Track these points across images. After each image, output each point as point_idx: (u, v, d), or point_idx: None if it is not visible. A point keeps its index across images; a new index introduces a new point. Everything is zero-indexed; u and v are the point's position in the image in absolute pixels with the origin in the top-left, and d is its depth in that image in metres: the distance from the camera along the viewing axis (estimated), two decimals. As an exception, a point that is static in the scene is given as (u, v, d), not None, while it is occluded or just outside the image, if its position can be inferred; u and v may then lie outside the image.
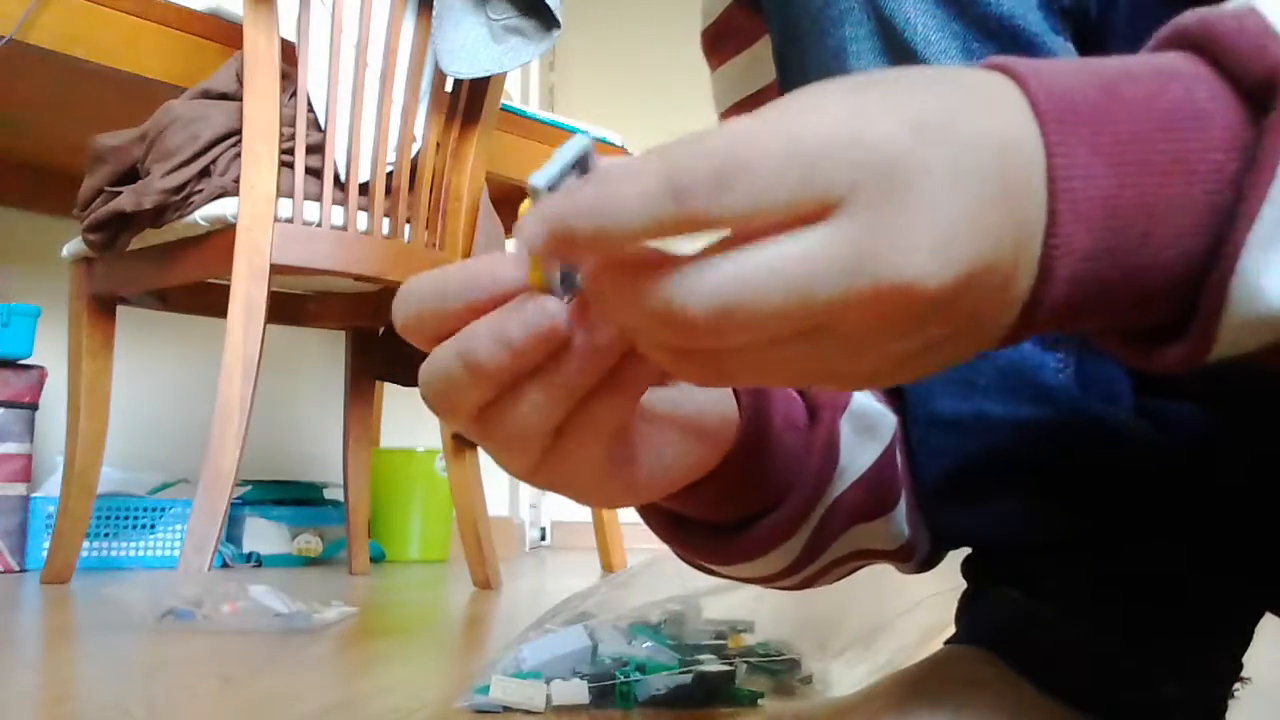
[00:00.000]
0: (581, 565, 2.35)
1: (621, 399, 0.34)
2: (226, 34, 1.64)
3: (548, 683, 0.73)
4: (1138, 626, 0.52)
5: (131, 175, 1.53)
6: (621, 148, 2.23)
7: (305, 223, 1.53)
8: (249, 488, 2.28)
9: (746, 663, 0.78)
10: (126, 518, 2.10)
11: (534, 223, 0.29)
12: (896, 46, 0.49)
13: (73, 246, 1.69)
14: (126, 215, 1.51)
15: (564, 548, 3.12)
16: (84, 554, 1.79)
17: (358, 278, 1.62)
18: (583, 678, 0.73)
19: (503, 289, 0.32)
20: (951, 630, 0.58)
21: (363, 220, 1.58)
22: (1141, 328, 0.33)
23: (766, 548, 0.49)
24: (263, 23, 1.49)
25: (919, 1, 0.49)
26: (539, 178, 0.30)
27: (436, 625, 1.40)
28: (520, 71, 3.25)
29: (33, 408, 1.96)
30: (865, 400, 0.51)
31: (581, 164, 0.30)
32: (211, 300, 1.72)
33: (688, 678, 0.75)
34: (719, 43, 0.65)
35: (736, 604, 0.90)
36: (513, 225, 1.76)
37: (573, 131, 2.15)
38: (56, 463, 1.88)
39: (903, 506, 0.54)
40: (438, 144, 1.68)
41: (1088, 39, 0.51)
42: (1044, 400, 0.50)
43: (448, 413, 0.33)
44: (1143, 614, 0.52)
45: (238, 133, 1.49)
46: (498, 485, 2.97)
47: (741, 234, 0.28)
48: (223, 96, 1.52)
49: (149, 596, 1.20)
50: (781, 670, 0.79)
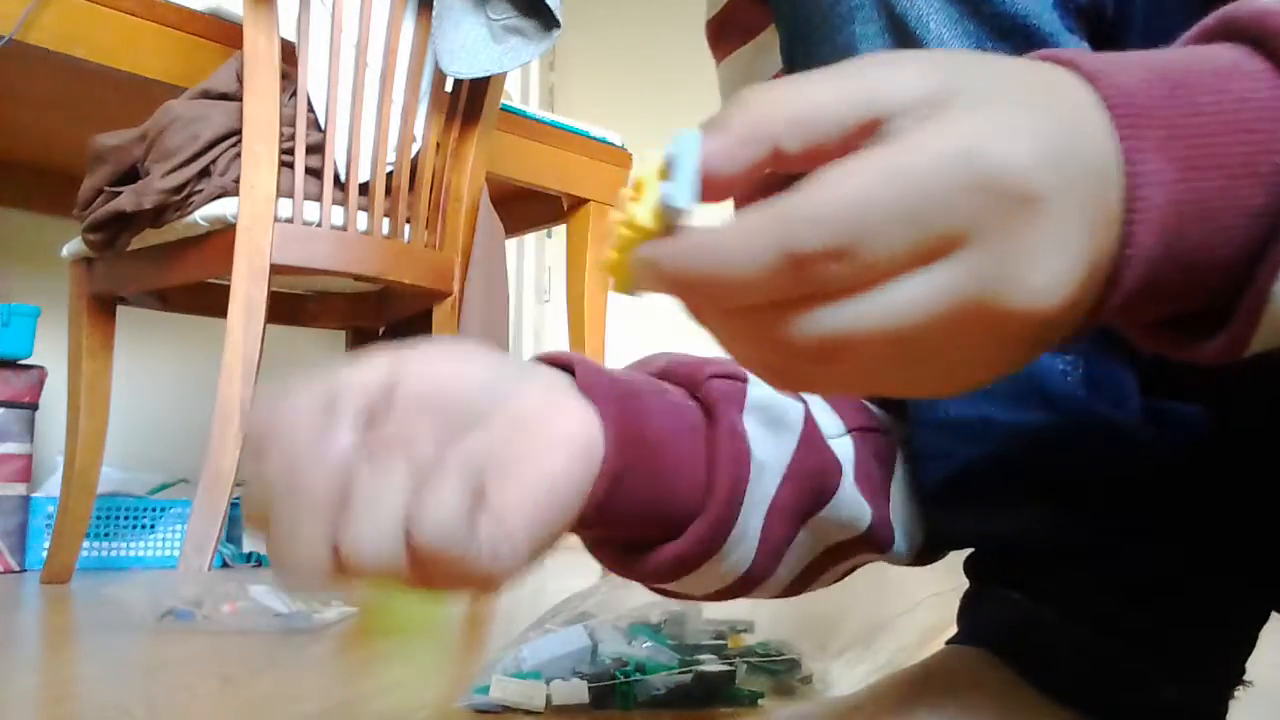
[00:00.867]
0: (581, 565, 2.35)
1: None
2: (226, 34, 1.64)
3: (548, 683, 0.73)
4: (1138, 628, 0.52)
5: (131, 175, 1.53)
6: (621, 148, 2.23)
7: (305, 223, 1.53)
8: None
9: (746, 663, 0.78)
10: (126, 518, 2.10)
11: (650, 267, 0.28)
12: (908, 44, 0.49)
13: (73, 246, 1.69)
14: (126, 215, 1.51)
15: (564, 548, 3.11)
16: (84, 554, 1.79)
17: (358, 278, 1.62)
18: (583, 678, 0.73)
19: None
20: (953, 630, 0.58)
21: (363, 220, 1.58)
22: (1182, 319, 0.33)
23: (700, 557, 0.47)
24: (263, 23, 1.49)
25: (932, 1, 0.49)
26: (681, 196, 0.28)
27: (436, 625, 1.40)
28: (520, 71, 3.25)
29: (33, 408, 1.96)
30: (766, 392, 0.50)
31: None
32: (211, 300, 1.72)
33: (688, 678, 0.75)
34: (724, 32, 0.64)
35: (736, 604, 0.90)
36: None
37: (573, 132, 2.15)
38: (56, 463, 1.88)
39: (847, 490, 0.52)
40: (438, 144, 1.68)
41: (1103, 38, 0.51)
42: (1050, 406, 0.50)
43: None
44: (1143, 616, 0.52)
45: (238, 133, 1.49)
46: (498, 485, 2.97)
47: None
48: (223, 96, 1.52)
49: (149, 596, 1.20)
50: (781, 670, 0.79)
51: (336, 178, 1.56)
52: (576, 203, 2.17)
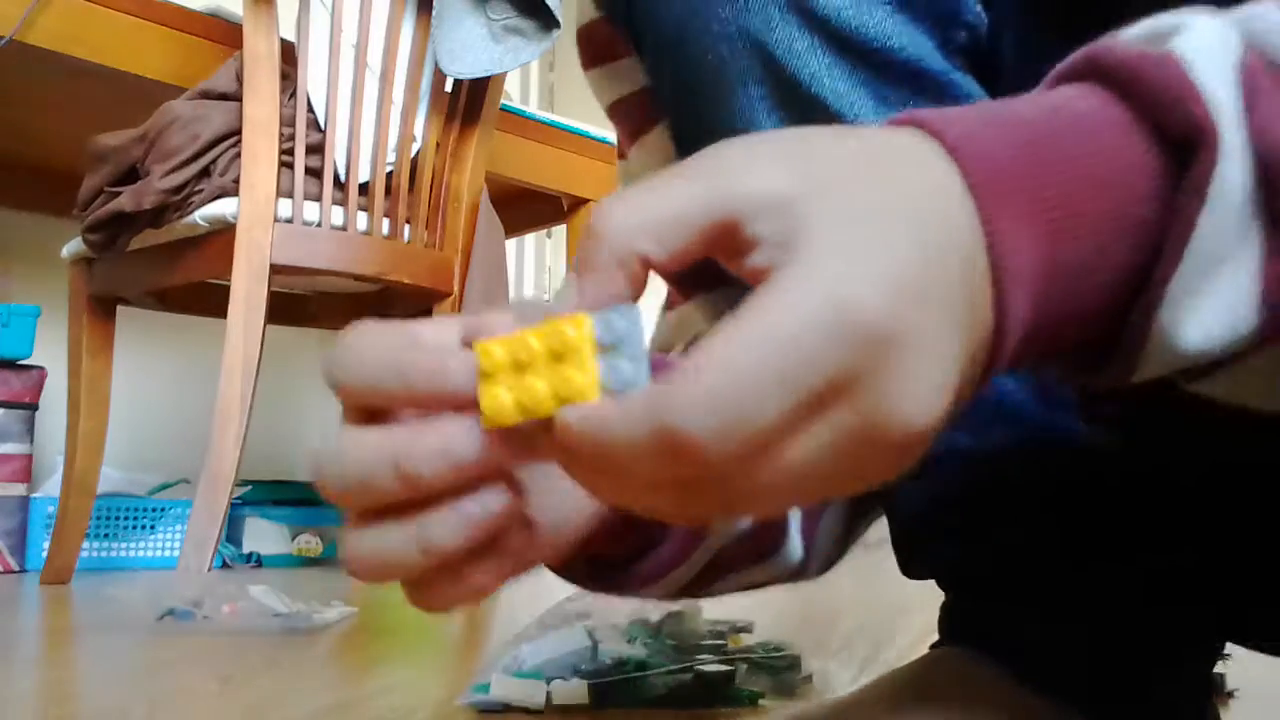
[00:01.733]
0: (581, 565, 2.35)
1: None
2: (226, 34, 1.64)
3: (548, 682, 0.73)
4: (1128, 626, 0.52)
5: (131, 175, 1.53)
6: (621, 148, 2.23)
7: (305, 223, 1.53)
8: (249, 488, 2.27)
9: (746, 663, 0.78)
10: (126, 518, 2.10)
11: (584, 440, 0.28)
12: (803, 103, 0.49)
13: (73, 246, 1.69)
14: (126, 215, 1.51)
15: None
16: (84, 554, 1.79)
17: (358, 278, 1.62)
18: (583, 677, 0.73)
19: (447, 395, 0.30)
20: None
21: (363, 220, 1.58)
22: (1067, 355, 0.34)
23: (653, 580, 0.48)
24: (263, 23, 1.49)
25: (820, 56, 0.48)
26: (640, 375, 0.28)
27: (436, 625, 1.40)
28: (520, 71, 3.25)
29: (33, 408, 1.96)
30: None
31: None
32: (211, 300, 1.72)
33: (688, 677, 0.75)
34: (588, 47, 0.63)
35: (736, 604, 0.90)
36: (506, 228, 1.73)
37: (573, 132, 2.14)
38: (56, 463, 1.88)
39: (790, 547, 0.53)
40: (438, 144, 1.68)
41: (984, 71, 0.51)
42: (1011, 422, 0.50)
43: (346, 490, 0.31)
44: (1132, 613, 0.52)
45: (238, 133, 1.49)
46: (498, 485, 2.97)
47: None
48: (223, 96, 1.52)
49: (149, 596, 1.21)
50: (781, 670, 0.79)
51: (336, 178, 1.56)
52: (576, 203, 2.17)
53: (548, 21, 1.60)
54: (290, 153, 1.51)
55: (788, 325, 0.26)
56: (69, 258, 1.71)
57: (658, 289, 0.38)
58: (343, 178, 1.56)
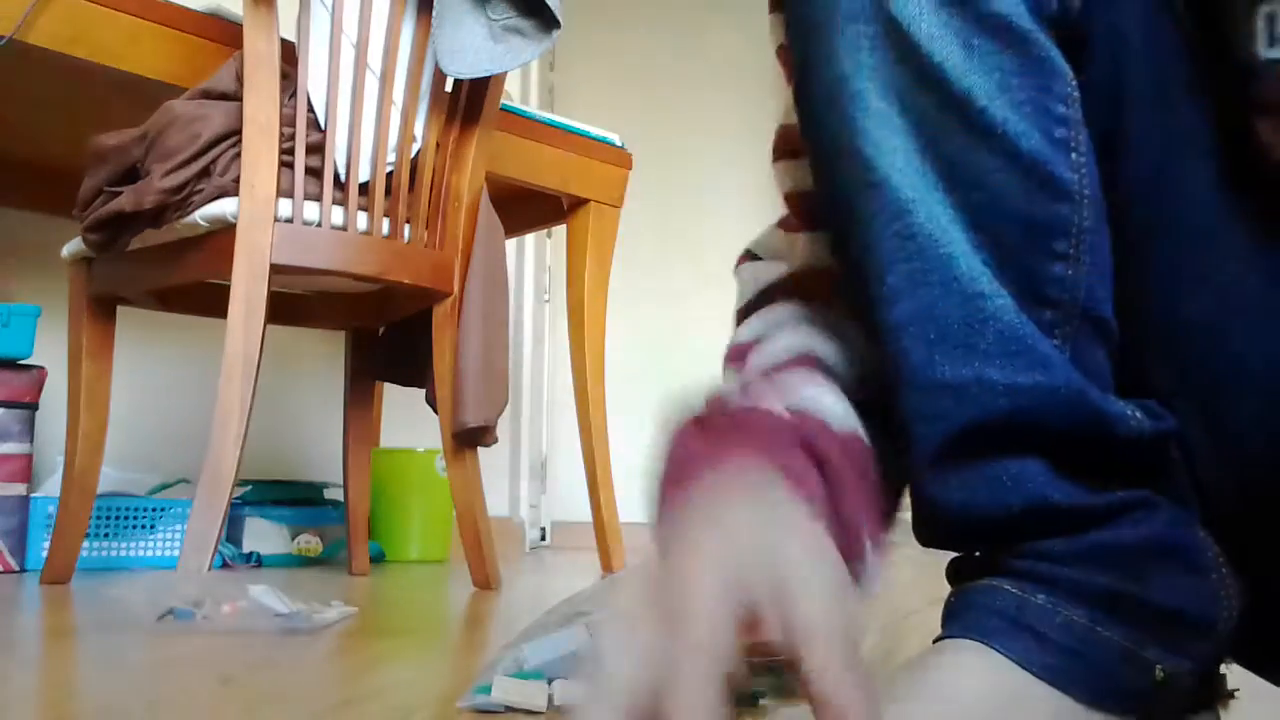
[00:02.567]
0: (581, 565, 2.35)
1: None
2: (226, 34, 1.64)
3: (549, 683, 0.73)
4: (1129, 604, 0.52)
5: (131, 175, 1.53)
6: (621, 148, 2.23)
7: (305, 223, 1.53)
8: (249, 488, 2.28)
9: (747, 663, 0.78)
10: (126, 518, 2.10)
11: None
12: (902, 43, 0.52)
13: (73, 246, 1.69)
14: (126, 215, 1.51)
15: (564, 548, 3.12)
16: (84, 554, 1.79)
17: (358, 278, 1.62)
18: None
19: None
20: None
21: (363, 220, 1.58)
22: None
23: None
24: (263, 23, 1.49)
25: (923, 2, 0.52)
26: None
27: (436, 625, 1.40)
28: (520, 71, 3.25)
29: (33, 408, 1.96)
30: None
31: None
32: (211, 300, 1.72)
33: (688, 678, 0.74)
34: (781, 143, 0.67)
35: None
36: (507, 226, 1.73)
37: (573, 132, 2.14)
38: (56, 463, 1.88)
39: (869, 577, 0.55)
40: (438, 144, 1.68)
41: (1069, 43, 0.54)
42: (1042, 367, 0.52)
43: None
44: (1133, 591, 0.53)
45: (238, 133, 1.49)
46: (498, 485, 2.97)
47: None
48: (223, 96, 1.52)
49: (149, 596, 1.20)
50: (781, 670, 0.79)
51: (336, 178, 1.56)
52: (576, 203, 2.17)
53: (548, 21, 1.60)
54: (290, 153, 1.51)
55: None
56: (69, 258, 1.71)
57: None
58: (343, 178, 1.56)
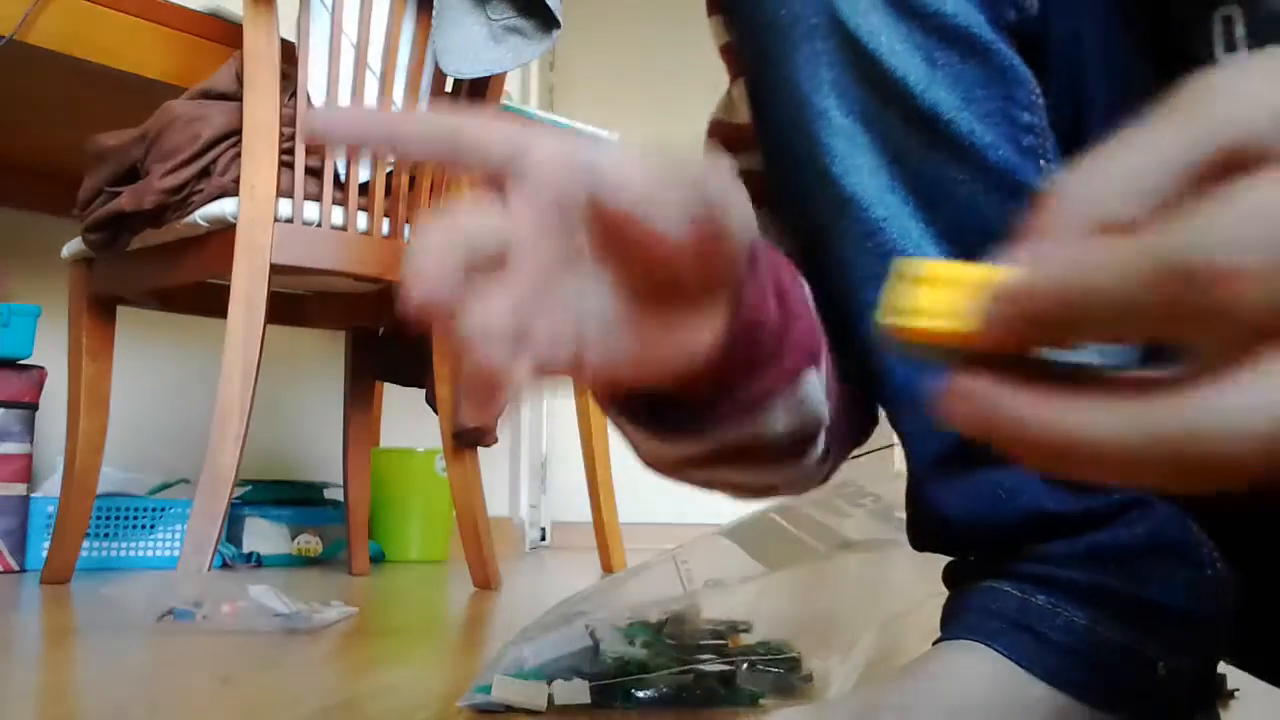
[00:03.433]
0: (581, 565, 2.35)
1: None
2: (226, 34, 1.64)
3: (549, 683, 0.73)
4: (1128, 608, 0.53)
5: (131, 175, 1.53)
6: (621, 148, 2.23)
7: (305, 223, 1.53)
8: (249, 488, 2.27)
9: (747, 662, 0.78)
10: (126, 518, 2.10)
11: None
12: (861, 60, 0.52)
13: (73, 246, 1.69)
14: (126, 215, 1.51)
15: (564, 548, 3.12)
16: (84, 554, 1.79)
17: (358, 278, 1.62)
18: (584, 678, 0.73)
19: None
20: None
21: (363, 220, 1.58)
22: None
23: (698, 435, 0.44)
24: (263, 23, 1.49)
25: (882, 16, 0.51)
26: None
27: (436, 625, 1.40)
28: (520, 71, 3.25)
29: (33, 408, 1.96)
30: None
31: None
32: (211, 300, 1.72)
33: (688, 678, 0.75)
34: (726, 61, 0.66)
35: (736, 604, 0.90)
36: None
37: (572, 131, 2.14)
38: (56, 463, 1.88)
39: (816, 451, 0.51)
40: (438, 144, 1.68)
41: (1030, 53, 0.54)
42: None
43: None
44: (1133, 595, 0.53)
45: (238, 133, 1.49)
46: (498, 485, 2.97)
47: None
48: (223, 96, 1.52)
49: (149, 596, 1.20)
50: (781, 670, 0.79)
51: (336, 178, 1.56)
52: (576, 203, 2.17)
53: (548, 21, 1.60)
54: (290, 153, 1.51)
55: None
56: (69, 258, 1.71)
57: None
58: (343, 178, 1.56)
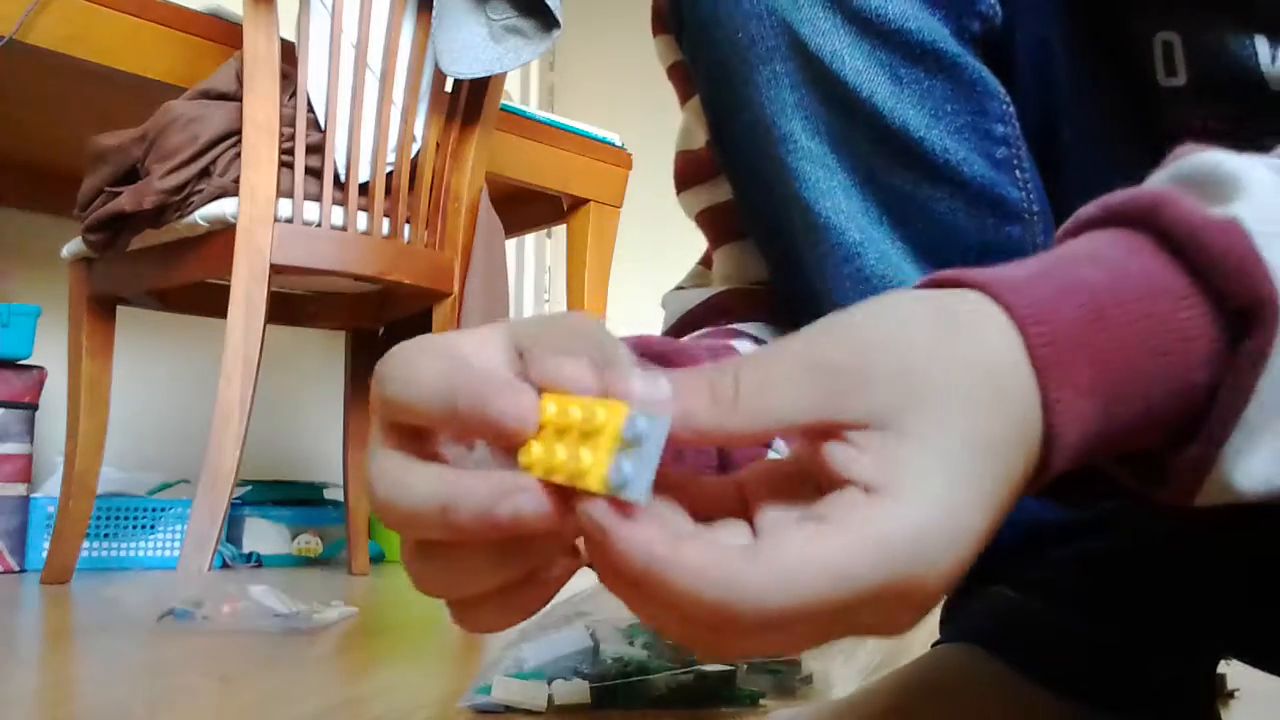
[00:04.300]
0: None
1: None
2: (226, 34, 1.64)
3: (549, 683, 0.73)
4: (1127, 611, 0.52)
5: (131, 175, 1.53)
6: (621, 148, 2.23)
7: (305, 223, 1.53)
8: (249, 488, 2.27)
9: (747, 663, 0.78)
10: (126, 518, 2.10)
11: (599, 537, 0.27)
12: (824, 80, 0.51)
13: (73, 246, 1.69)
14: (126, 215, 1.51)
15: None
16: (84, 554, 1.79)
17: (358, 278, 1.62)
18: (584, 678, 0.73)
19: (498, 429, 0.29)
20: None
21: (363, 220, 1.58)
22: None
23: None
24: (263, 23, 1.49)
25: (842, 35, 0.50)
26: (637, 488, 0.27)
27: (437, 625, 1.40)
28: (520, 71, 3.25)
29: (33, 408, 1.96)
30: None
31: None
32: (211, 300, 1.72)
33: (688, 678, 0.75)
34: (684, 170, 0.65)
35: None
36: (507, 225, 1.71)
37: (573, 132, 2.14)
38: (56, 463, 1.88)
39: None
40: (438, 144, 1.68)
41: (997, 62, 0.53)
42: None
43: (394, 524, 0.31)
44: (1131, 599, 0.53)
45: (238, 133, 1.49)
46: (498, 485, 2.96)
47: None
48: (223, 96, 1.52)
49: (149, 596, 1.20)
50: (781, 670, 0.79)
51: (336, 178, 1.56)
52: (576, 203, 2.17)
53: (548, 21, 1.60)
54: (290, 153, 1.51)
55: (860, 570, 0.26)
56: (69, 258, 1.71)
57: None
58: (343, 178, 1.56)
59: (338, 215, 1.56)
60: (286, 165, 1.51)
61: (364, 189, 1.58)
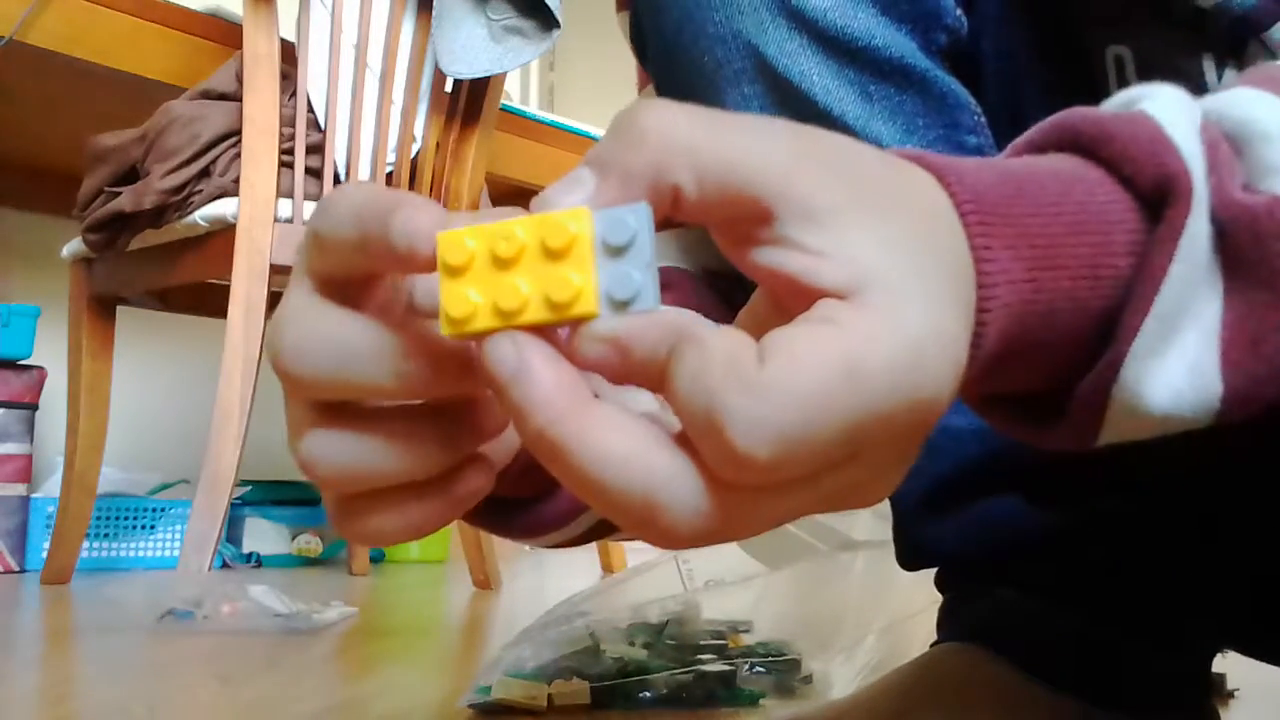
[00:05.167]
0: (581, 565, 2.35)
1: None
2: (226, 34, 1.64)
3: (549, 683, 0.73)
4: (1122, 610, 0.53)
5: (131, 175, 1.53)
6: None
7: (305, 223, 1.53)
8: (249, 488, 2.27)
9: (747, 663, 0.78)
10: (126, 518, 2.10)
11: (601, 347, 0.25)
12: (795, 100, 0.50)
13: (73, 246, 1.69)
14: (126, 215, 1.51)
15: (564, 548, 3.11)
16: (84, 554, 1.79)
17: (358, 278, 1.62)
18: (584, 678, 0.73)
19: (409, 259, 0.26)
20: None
21: (363, 220, 1.58)
22: (1028, 407, 0.34)
23: (540, 532, 0.46)
24: (263, 23, 1.49)
25: (810, 55, 0.50)
26: (648, 296, 0.24)
27: (436, 625, 1.40)
28: (520, 71, 3.25)
29: (33, 408, 1.96)
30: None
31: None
32: (211, 300, 1.72)
33: (688, 678, 0.75)
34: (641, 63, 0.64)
35: (736, 604, 0.90)
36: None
37: (573, 132, 2.14)
38: (56, 463, 1.88)
39: None
40: (438, 144, 1.68)
41: (964, 74, 0.53)
42: None
43: (301, 374, 0.28)
44: (1126, 598, 0.53)
45: (238, 133, 1.49)
46: (497, 485, 2.97)
47: None
48: (223, 96, 1.52)
49: (149, 596, 1.21)
50: (781, 670, 0.79)
51: (336, 178, 1.56)
52: (576, 203, 2.17)
53: (548, 21, 1.60)
54: (290, 153, 1.51)
55: (881, 371, 0.24)
56: (69, 258, 1.71)
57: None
58: (343, 178, 1.56)
59: (338, 215, 1.55)
60: (286, 165, 1.51)
61: (364, 189, 1.58)
